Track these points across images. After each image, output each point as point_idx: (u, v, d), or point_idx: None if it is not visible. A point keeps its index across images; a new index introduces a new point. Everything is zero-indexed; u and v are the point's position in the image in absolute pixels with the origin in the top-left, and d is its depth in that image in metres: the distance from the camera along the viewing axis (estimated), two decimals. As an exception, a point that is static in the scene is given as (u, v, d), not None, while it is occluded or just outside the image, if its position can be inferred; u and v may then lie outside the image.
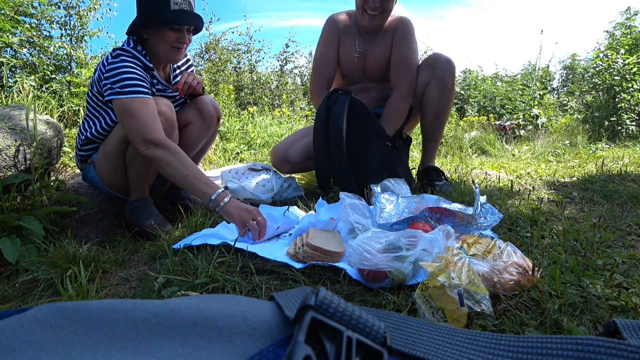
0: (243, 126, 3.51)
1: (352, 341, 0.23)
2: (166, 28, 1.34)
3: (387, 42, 1.75)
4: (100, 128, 1.43)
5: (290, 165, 1.85)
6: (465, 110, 5.86)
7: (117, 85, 1.28)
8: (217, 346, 0.22)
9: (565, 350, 0.24)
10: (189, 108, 1.62)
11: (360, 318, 0.24)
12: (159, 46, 1.38)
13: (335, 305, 0.24)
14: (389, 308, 0.77)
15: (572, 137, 4.04)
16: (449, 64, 1.70)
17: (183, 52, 1.43)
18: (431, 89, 1.70)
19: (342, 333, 0.23)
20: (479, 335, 0.29)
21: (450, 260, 0.72)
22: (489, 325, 0.68)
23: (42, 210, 1.33)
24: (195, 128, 1.62)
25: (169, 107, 1.40)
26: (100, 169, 1.46)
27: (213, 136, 1.71)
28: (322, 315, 0.24)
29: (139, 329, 0.22)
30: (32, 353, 0.20)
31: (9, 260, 1.10)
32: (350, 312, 0.24)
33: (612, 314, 0.70)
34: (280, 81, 6.44)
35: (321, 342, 0.23)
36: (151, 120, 1.27)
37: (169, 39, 1.36)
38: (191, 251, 1.05)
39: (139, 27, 1.36)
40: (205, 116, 1.62)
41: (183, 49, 1.41)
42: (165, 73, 1.53)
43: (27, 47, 2.99)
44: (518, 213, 1.27)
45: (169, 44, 1.37)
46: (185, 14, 1.34)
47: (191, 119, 1.61)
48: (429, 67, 1.71)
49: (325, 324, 0.23)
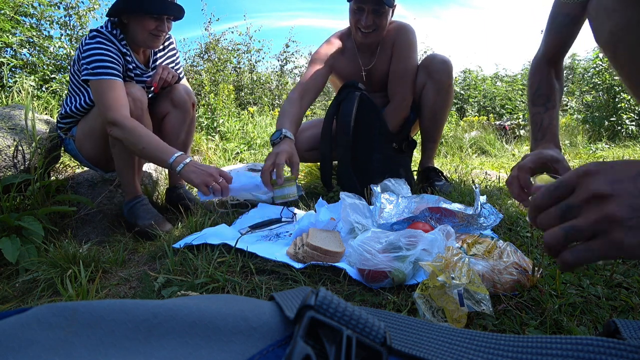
0: (243, 126, 3.52)
1: (352, 341, 0.23)
2: (146, 15, 1.39)
3: (387, 54, 1.74)
4: (79, 105, 1.50)
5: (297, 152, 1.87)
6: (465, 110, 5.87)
7: (90, 66, 1.34)
8: (217, 346, 0.22)
9: (565, 350, 0.24)
10: (163, 99, 1.65)
11: (360, 318, 0.24)
12: (137, 32, 1.42)
13: (335, 305, 0.24)
14: (389, 308, 0.77)
15: (572, 137, 4.04)
16: (445, 64, 1.69)
17: (162, 39, 1.49)
18: (428, 90, 1.70)
19: (342, 333, 0.23)
20: (479, 335, 0.29)
21: (450, 260, 0.72)
22: (489, 325, 0.68)
23: (42, 210, 1.33)
24: (172, 117, 1.64)
25: (139, 90, 1.44)
26: (81, 143, 1.53)
27: (192, 123, 1.72)
28: (322, 315, 0.24)
29: (139, 329, 0.22)
30: (32, 353, 0.20)
31: (9, 260, 1.10)
32: (350, 312, 0.24)
33: (612, 314, 0.70)
34: (280, 81, 6.44)
35: (321, 342, 0.23)
36: (114, 102, 1.32)
37: (148, 26, 1.40)
38: (191, 251, 1.05)
39: (120, 12, 1.40)
40: (180, 104, 1.64)
41: (162, 36, 1.47)
42: (144, 56, 1.57)
43: (27, 47, 2.99)
44: (518, 213, 1.27)
45: (148, 31, 1.41)
46: (166, 3, 1.39)
47: (167, 108, 1.64)
48: (425, 69, 1.70)
49: (325, 324, 0.23)
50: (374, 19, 1.59)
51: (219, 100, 3.86)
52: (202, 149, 2.76)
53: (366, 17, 1.59)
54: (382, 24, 1.62)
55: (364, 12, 1.59)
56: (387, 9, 1.59)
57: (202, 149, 2.76)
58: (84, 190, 1.64)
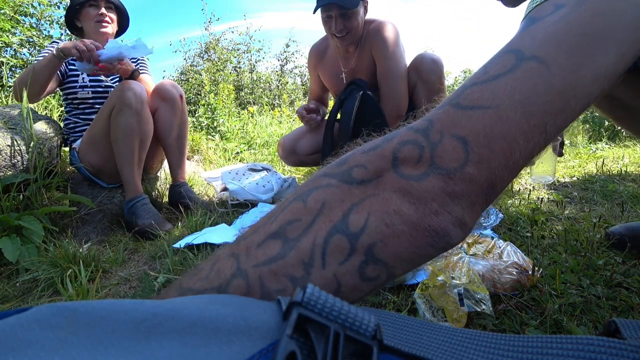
0: (243, 126, 3.51)
1: (339, 336, 0.23)
2: (86, 7, 1.61)
3: (366, 55, 1.75)
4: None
5: (298, 157, 1.89)
6: (465, 110, 5.86)
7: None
8: (217, 346, 0.22)
9: (565, 350, 0.24)
10: (152, 96, 1.67)
11: (349, 313, 0.24)
12: (87, 26, 1.64)
13: (322, 301, 0.24)
14: (389, 308, 0.77)
15: (572, 137, 4.04)
16: (435, 64, 1.68)
17: (108, 26, 1.65)
18: (419, 90, 1.69)
19: (329, 328, 0.23)
20: (479, 335, 0.29)
21: (450, 260, 0.72)
22: (489, 325, 0.68)
23: (42, 210, 1.33)
24: (162, 111, 1.67)
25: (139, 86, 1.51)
26: (84, 154, 1.59)
27: (184, 116, 1.74)
28: (310, 311, 0.24)
29: (139, 329, 0.22)
30: (32, 353, 0.20)
31: (9, 260, 1.10)
32: (339, 307, 0.24)
33: (612, 314, 0.70)
34: (280, 81, 6.44)
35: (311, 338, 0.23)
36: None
37: (90, 16, 1.62)
38: (191, 251, 1.05)
39: (72, 18, 1.65)
40: (167, 97, 1.66)
41: (106, 22, 1.64)
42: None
43: (27, 46, 2.99)
44: (518, 213, 1.27)
45: (92, 20, 1.62)
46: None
47: (156, 104, 1.66)
48: (415, 69, 1.69)
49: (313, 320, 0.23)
50: (343, 22, 1.62)
51: (219, 100, 3.86)
52: (202, 148, 2.76)
53: (335, 23, 1.63)
54: (353, 25, 1.64)
55: (332, 19, 1.63)
56: (354, 11, 1.61)
57: (202, 148, 2.76)
58: (84, 190, 1.64)
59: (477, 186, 0.33)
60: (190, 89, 5.38)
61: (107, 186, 1.66)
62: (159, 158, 1.85)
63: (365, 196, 0.34)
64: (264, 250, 0.34)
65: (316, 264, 0.33)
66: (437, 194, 0.33)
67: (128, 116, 1.44)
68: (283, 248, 0.34)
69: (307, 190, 0.36)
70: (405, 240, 0.33)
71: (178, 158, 1.72)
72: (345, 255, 0.33)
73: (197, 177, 2.08)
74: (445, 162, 0.33)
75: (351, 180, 0.35)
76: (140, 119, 1.47)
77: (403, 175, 0.34)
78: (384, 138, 0.38)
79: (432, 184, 0.33)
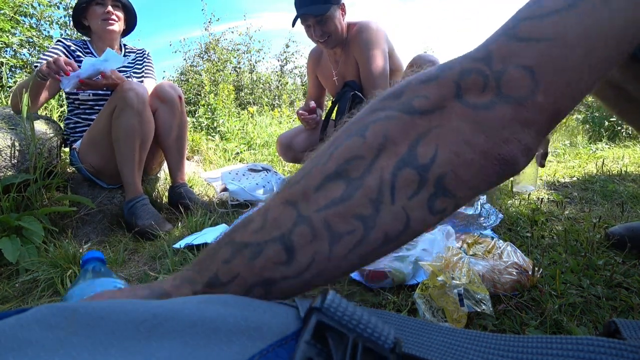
0: (243, 126, 3.51)
1: (357, 347, 0.23)
2: (93, 5, 1.61)
3: (349, 57, 1.81)
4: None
5: (294, 153, 1.95)
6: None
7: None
8: (217, 346, 0.22)
9: (565, 350, 0.24)
10: (151, 97, 1.67)
11: (369, 323, 0.24)
12: (94, 25, 1.64)
13: (343, 309, 0.24)
14: (389, 308, 0.77)
15: (572, 137, 4.04)
16: (432, 65, 1.71)
17: (115, 24, 1.65)
18: None
19: (348, 337, 0.23)
20: (480, 335, 0.29)
21: (450, 260, 0.72)
22: (489, 325, 0.68)
23: (42, 210, 1.33)
24: (161, 112, 1.67)
25: (141, 87, 1.52)
26: (84, 154, 1.59)
27: (183, 117, 1.74)
28: (329, 318, 0.24)
29: (139, 329, 0.22)
30: (32, 353, 0.20)
31: (9, 260, 1.10)
32: (359, 316, 0.24)
33: (612, 314, 0.70)
34: (280, 81, 6.44)
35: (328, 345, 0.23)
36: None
37: (97, 14, 1.61)
38: (191, 251, 1.05)
39: (79, 17, 1.65)
40: (166, 98, 1.66)
41: (112, 20, 1.64)
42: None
43: (27, 47, 2.99)
44: (518, 213, 1.27)
45: (99, 18, 1.62)
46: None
47: (155, 105, 1.66)
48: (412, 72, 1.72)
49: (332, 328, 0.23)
50: (321, 28, 1.67)
51: (219, 100, 3.86)
52: (202, 149, 2.76)
53: (314, 30, 1.68)
54: (331, 29, 1.69)
55: (311, 27, 1.68)
56: (328, 15, 1.64)
57: (202, 149, 2.76)
58: (84, 190, 1.64)
59: (546, 114, 0.33)
60: (190, 89, 5.38)
61: (107, 187, 1.66)
62: (158, 159, 1.85)
63: (431, 126, 0.33)
64: (325, 193, 0.33)
65: (385, 200, 0.32)
66: (508, 122, 0.32)
67: (130, 117, 1.44)
68: (348, 189, 0.33)
69: (363, 125, 0.35)
70: (475, 169, 0.33)
71: (177, 159, 1.72)
72: (414, 189, 0.32)
73: (197, 177, 2.08)
74: (514, 90, 0.33)
75: (413, 110, 0.34)
76: (142, 120, 1.47)
77: (470, 104, 0.33)
78: (438, 67, 0.37)
79: (502, 112, 0.33)
